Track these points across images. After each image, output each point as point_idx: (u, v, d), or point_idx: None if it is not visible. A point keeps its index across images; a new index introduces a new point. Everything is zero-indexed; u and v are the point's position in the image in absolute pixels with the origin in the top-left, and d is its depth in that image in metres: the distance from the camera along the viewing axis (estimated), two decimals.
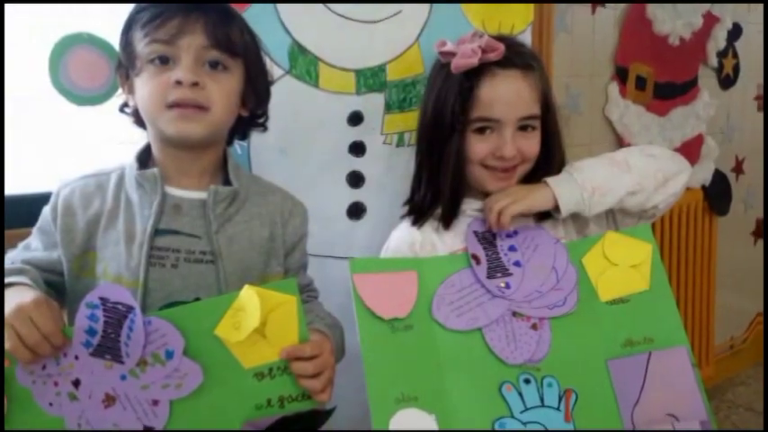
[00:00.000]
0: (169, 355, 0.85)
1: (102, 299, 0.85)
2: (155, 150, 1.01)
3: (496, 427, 0.92)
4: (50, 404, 0.85)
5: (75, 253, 0.97)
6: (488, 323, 0.97)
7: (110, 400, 0.85)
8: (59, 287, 0.98)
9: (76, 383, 0.85)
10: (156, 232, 0.96)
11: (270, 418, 0.88)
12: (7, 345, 0.79)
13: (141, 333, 0.84)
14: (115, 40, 1.01)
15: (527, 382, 0.95)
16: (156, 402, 0.86)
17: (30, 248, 0.99)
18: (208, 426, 0.87)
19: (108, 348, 0.85)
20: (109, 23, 1.10)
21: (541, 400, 0.94)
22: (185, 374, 0.86)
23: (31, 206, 1.03)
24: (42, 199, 1.01)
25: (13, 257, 0.98)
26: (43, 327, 0.80)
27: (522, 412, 0.93)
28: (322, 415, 0.92)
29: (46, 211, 1.00)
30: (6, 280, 0.88)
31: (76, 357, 0.85)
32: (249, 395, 0.87)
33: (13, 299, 0.82)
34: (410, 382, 0.91)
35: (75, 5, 1.22)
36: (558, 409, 0.94)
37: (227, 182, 1.02)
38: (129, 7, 0.98)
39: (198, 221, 0.98)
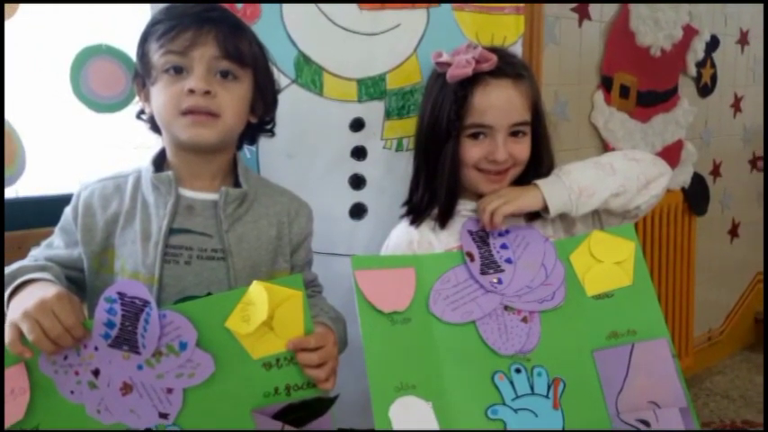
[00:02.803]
0: (183, 346, 0.85)
1: (120, 294, 0.85)
2: (169, 154, 1.01)
3: (489, 414, 0.92)
4: (71, 392, 0.85)
5: (94, 250, 0.97)
6: (482, 316, 0.97)
7: (127, 388, 0.85)
8: (80, 283, 0.98)
9: (96, 373, 0.85)
10: (171, 231, 0.96)
11: (277, 406, 0.88)
12: (31, 336, 0.79)
13: (157, 326, 0.84)
14: (132, 51, 1.01)
15: (518, 371, 0.95)
16: (170, 390, 0.86)
17: (52, 246, 0.99)
18: (219, 412, 0.87)
19: (126, 340, 0.85)
20: (127, 35, 1.10)
21: (531, 388, 0.94)
22: (198, 364, 0.86)
23: (53, 207, 1.04)
24: (64, 200, 1.01)
25: (36, 255, 0.98)
26: (65, 320, 0.80)
27: (513, 400, 0.93)
28: (326, 402, 0.92)
29: (67, 211, 1.00)
30: (30, 276, 0.88)
31: (96, 348, 0.85)
32: (258, 384, 0.87)
33: (37, 293, 0.82)
34: (408, 372, 0.91)
35: (93, 17, 1.22)
36: (546, 396, 0.94)
37: (237, 184, 1.02)
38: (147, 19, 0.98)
39: (210, 221, 0.98)
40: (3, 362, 0.82)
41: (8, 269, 0.90)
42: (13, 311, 0.82)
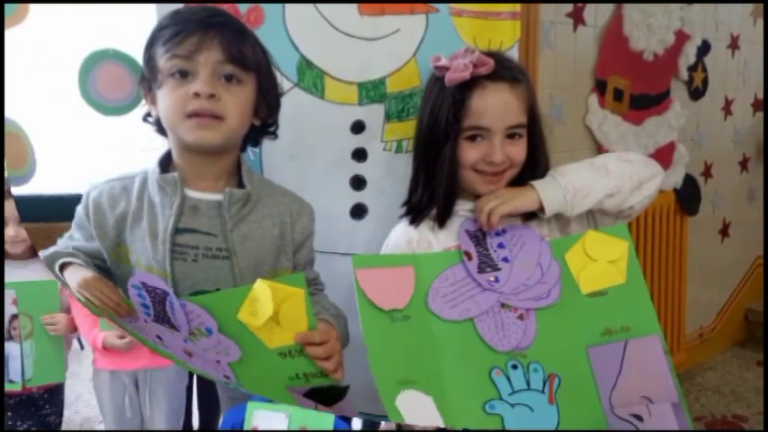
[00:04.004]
0: (209, 330, 0.87)
1: (142, 283, 0.87)
2: (175, 156, 1.01)
3: (487, 409, 0.92)
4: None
5: (109, 245, 0.98)
6: (479, 314, 0.97)
7: (188, 353, 0.88)
8: (106, 271, 0.99)
9: (159, 338, 0.88)
10: (177, 231, 0.96)
11: (304, 388, 0.91)
12: (92, 310, 0.82)
13: (181, 311, 0.86)
14: (138, 55, 1.01)
15: (514, 367, 0.95)
16: (218, 362, 0.88)
17: (73, 239, 1.01)
18: (264, 384, 0.89)
19: (163, 319, 0.87)
20: (133, 39, 1.10)
21: (527, 383, 0.94)
22: (227, 347, 0.88)
23: (68, 204, 1.04)
24: (77, 198, 1.02)
25: (63, 244, 0.99)
26: (110, 297, 0.83)
27: (509, 395, 0.93)
28: (341, 390, 0.95)
29: (79, 209, 1.01)
30: (63, 260, 0.91)
31: (146, 321, 0.88)
32: (280, 369, 0.89)
33: (78, 274, 0.87)
34: (408, 367, 0.91)
35: (100, 21, 1.22)
36: (542, 392, 0.94)
37: (240, 185, 1.02)
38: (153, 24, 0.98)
39: (214, 221, 0.98)
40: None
41: (44, 252, 0.94)
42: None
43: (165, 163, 1.02)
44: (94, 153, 1.28)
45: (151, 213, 0.98)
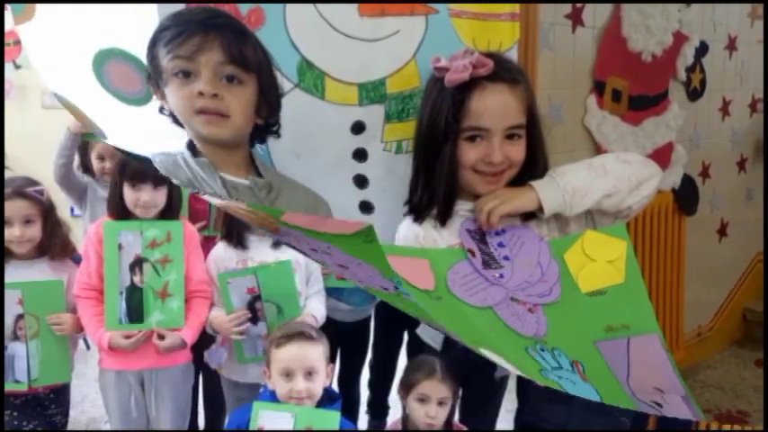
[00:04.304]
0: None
1: None
2: (197, 145, 1.04)
3: (544, 375, 0.90)
4: None
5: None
6: (494, 304, 0.96)
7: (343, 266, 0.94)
8: None
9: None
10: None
11: None
12: None
13: None
14: (141, 53, 1.01)
15: (542, 350, 0.94)
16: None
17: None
18: None
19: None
20: (134, 40, 1.10)
21: (559, 364, 0.93)
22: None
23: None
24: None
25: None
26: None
27: (552, 370, 0.92)
28: None
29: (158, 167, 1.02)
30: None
31: None
32: None
33: None
34: (468, 334, 0.90)
35: (101, 24, 1.22)
36: (573, 372, 0.93)
37: (258, 175, 1.05)
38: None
39: (254, 200, 1.01)
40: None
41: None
42: None
43: (192, 147, 1.04)
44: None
45: (206, 183, 1.01)
